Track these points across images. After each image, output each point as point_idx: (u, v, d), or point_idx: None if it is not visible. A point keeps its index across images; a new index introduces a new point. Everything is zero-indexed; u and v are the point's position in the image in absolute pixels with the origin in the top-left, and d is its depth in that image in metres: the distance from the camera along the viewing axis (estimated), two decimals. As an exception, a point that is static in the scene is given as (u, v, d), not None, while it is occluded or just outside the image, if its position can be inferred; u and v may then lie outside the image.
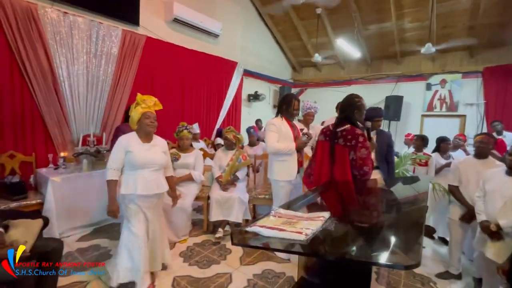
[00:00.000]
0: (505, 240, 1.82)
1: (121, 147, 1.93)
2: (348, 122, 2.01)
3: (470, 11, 4.78)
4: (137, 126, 1.97)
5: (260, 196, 3.13)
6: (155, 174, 1.99)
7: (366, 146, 1.95)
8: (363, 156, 1.92)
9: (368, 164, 1.95)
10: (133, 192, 1.90)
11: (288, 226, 0.99)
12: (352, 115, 2.01)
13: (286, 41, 7.07)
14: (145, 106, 1.96)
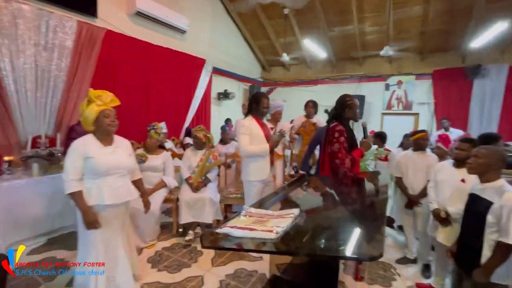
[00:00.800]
0: (453, 226, 2.02)
1: (78, 154, 1.67)
2: (337, 120, 2.21)
3: (421, 19, 5.23)
4: (94, 127, 1.72)
5: (231, 196, 3.11)
6: (123, 180, 1.80)
7: (340, 142, 2.11)
8: (335, 150, 2.10)
9: (339, 158, 2.09)
10: (99, 203, 1.67)
11: (259, 225, 0.99)
12: (343, 113, 2.22)
13: (255, 40, 7.09)
14: (101, 103, 1.71)
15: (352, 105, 2.23)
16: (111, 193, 1.70)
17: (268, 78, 8.15)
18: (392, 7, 4.93)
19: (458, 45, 5.50)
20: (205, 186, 3.00)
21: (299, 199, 1.89)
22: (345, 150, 2.15)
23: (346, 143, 2.16)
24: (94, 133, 1.76)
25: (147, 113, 4.50)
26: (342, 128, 2.18)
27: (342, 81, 7.11)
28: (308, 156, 2.98)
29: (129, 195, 1.83)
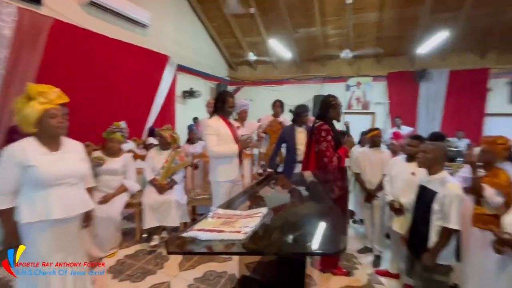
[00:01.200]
0: (406, 215, 2.22)
1: (13, 162, 1.35)
2: (322, 119, 2.32)
3: (377, 25, 5.64)
4: (36, 129, 1.42)
5: (199, 197, 3.03)
6: (75, 189, 1.52)
7: (327, 140, 2.22)
8: (323, 148, 2.22)
9: (327, 156, 2.21)
10: (45, 218, 1.37)
11: (227, 226, 0.97)
12: (327, 113, 2.33)
13: (221, 38, 7.00)
14: (46, 101, 1.41)
15: (336, 105, 2.34)
16: (61, 205, 1.42)
17: (235, 77, 8.11)
18: (352, 12, 5.24)
19: (408, 50, 6.04)
20: (171, 188, 2.87)
21: (268, 197, 1.91)
22: (332, 149, 2.25)
23: (332, 142, 2.26)
24: (38, 135, 1.44)
25: (104, 111, 4.17)
26: (328, 127, 2.27)
27: (307, 81, 7.37)
28: (275, 154, 3.03)
29: (83, 206, 1.56)
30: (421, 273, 1.79)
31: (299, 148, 2.84)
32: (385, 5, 5.04)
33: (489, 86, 5.80)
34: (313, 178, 2.48)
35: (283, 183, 2.34)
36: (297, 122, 2.92)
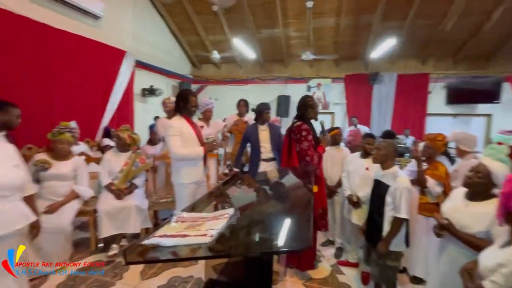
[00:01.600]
0: (363, 208, 2.39)
1: None
2: (300, 119, 2.37)
3: (334, 29, 5.97)
4: None
5: (161, 201, 2.89)
6: (9, 202, 1.33)
7: (308, 140, 2.29)
8: (305, 148, 2.28)
9: (309, 155, 2.27)
10: None
11: (192, 230, 0.94)
12: (306, 112, 2.39)
13: (183, 35, 6.76)
14: None
15: (313, 105, 2.42)
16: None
17: (199, 75, 7.92)
18: (311, 16, 5.46)
19: (362, 54, 6.51)
20: (131, 193, 2.69)
21: (234, 197, 1.90)
22: (313, 148, 2.32)
23: (313, 141, 2.32)
24: None
25: (50, 111, 3.73)
26: (307, 127, 2.33)
27: (270, 81, 7.50)
28: (240, 154, 3.03)
29: (22, 219, 1.37)
30: (376, 260, 1.94)
31: (263, 146, 2.86)
32: (342, 11, 5.35)
33: (429, 89, 6.54)
34: (278, 176, 2.53)
35: (249, 182, 2.35)
36: (259, 120, 2.93)
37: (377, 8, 5.11)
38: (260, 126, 2.91)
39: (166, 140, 2.26)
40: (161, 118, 3.39)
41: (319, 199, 2.39)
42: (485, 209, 1.35)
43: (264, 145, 2.86)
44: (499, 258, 1.05)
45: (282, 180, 2.49)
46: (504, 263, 1.01)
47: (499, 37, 5.56)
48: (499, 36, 5.53)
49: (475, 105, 6.39)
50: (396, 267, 1.92)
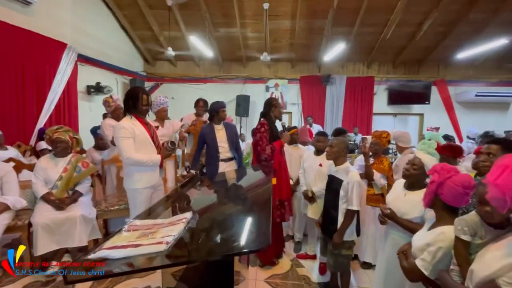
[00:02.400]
0: (318, 202, 2.52)
1: None
2: (264, 117, 2.54)
3: (290, 32, 6.20)
4: None
5: (112, 208, 2.65)
6: None
7: (261, 132, 2.46)
8: (257, 139, 2.44)
9: (260, 145, 2.44)
10: None
11: (145, 238, 0.87)
12: (269, 111, 2.56)
13: (134, 29, 6.30)
14: None
15: (277, 105, 2.60)
16: None
17: (153, 72, 7.49)
18: (268, 18, 5.58)
19: (316, 57, 6.88)
20: (75, 202, 2.40)
21: (194, 200, 1.84)
22: (266, 140, 2.46)
23: (266, 134, 2.47)
24: None
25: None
26: (264, 121, 2.52)
27: (229, 81, 7.46)
28: (198, 155, 2.93)
29: None
30: (332, 250, 2.07)
31: (221, 146, 2.81)
32: (296, 15, 5.58)
33: (374, 91, 7.22)
34: (237, 176, 2.53)
35: (208, 183, 2.30)
36: (214, 119, 2.85)
37: (328, 14, 5.45)
38: (216, 125, 2.85)
39: (116, 143, 2.01)
40: (106, 119, 3.08)
41: (277, 190, 2.49)
42: (420, 197, 1.53)
43: (222, 145, 2.81)
44: (427, 239, 1.21)
45: (242, 179, 2.49)
46: (431, 242, 1.16)
47: (428, 46, 6.40)
48: (428, 45, 6.36)
49: (411, 105, 7.25)
50: (349, 255, 2.07)
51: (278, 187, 2.51)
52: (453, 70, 7.04)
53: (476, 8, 5.11)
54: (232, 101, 7.16)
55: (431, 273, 1.13)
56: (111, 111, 3.02)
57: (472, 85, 7.03)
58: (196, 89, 7.29)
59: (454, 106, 7.15)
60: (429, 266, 1.14)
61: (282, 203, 2.55)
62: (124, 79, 6.44)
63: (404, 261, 1.29)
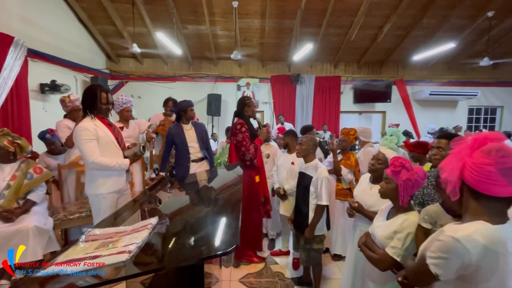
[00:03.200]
0: (289, 199, 2.57)
1: None
2: (238, 116, 2.51)
3: (260, 31, 6.22)
4: None
5: (72, 217, 2.44)
6: None
7: (242, 132, 2.43)
8: (239, 139, 2.42)
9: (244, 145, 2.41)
10: None
11: (105, 249, 0.81)
12: (242, 111, 2.53)
13: (94, 23, 5.87)
14: None
15: (250, 104, 2.57)
16: None
17: (117, 70, 7.05)
18: (238, 16, 5.54)
19: (285, 57, 6.99)
20: (27, 212, 2.17)
21: (163, 203, 1.76)
22: (248, 139, 2.45)
23: (247, 133, 2.46)
24: None
25: None
26: (242, 121, 2.49)
27: (200, 79, 7.30)
28: (166, 156, 2.82)
29: None
30: (304, 245, 2.12)
31: (192, 147, 2.74)
32: (266, 14, 5.61)
33: (341, 90, 7.54)
34: (209, 176, 2.48)
35: (178, 186, 2.22)
36: (182, 119, 2.77)
37: (296, 14, 5.56)
38: (184, 125, 2.76)
39: (78, 146, 1.83)
40: (62, 120, 2.82)
41: (261, 188, 2.56)
42: (384, 190, 1.63)
43: (192, 145, 2.73)
44: (392, 227, 1.28)
45: (213, 180, 2.45)
46: (398, 229, 1.24)
47: (388, 48, 6.83)
48: (388, 47, 6.79)
49: (374, 104, 7.70)
50: (321, 249, 2.14)
51: (262, 184, 2.60)
52: (410, 70, 7.60)
53: (429, 14, 5.57)
54: (203, 100, 7.02)
55: (403, 258, 1.18)
56: (68, 111, 2.77)
57: (427, 84, 7.67)
58: (164, 88, 7.02)
59: (412, 104, 7.73)
60: (401, 252, 1.20)
61: (267, 199, 2.61)
62: (84, 77, 5.98)
63: (370, 252, 1.35)
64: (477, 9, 5.49)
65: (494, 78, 7.69)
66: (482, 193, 0.76)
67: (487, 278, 0.76)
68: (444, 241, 0.77)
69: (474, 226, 0.76)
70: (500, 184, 0.73)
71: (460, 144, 0.82)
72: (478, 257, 0.74)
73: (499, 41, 6.46)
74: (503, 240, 0.75)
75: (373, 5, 5.31)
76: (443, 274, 0.79)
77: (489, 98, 7.86)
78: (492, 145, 0.76)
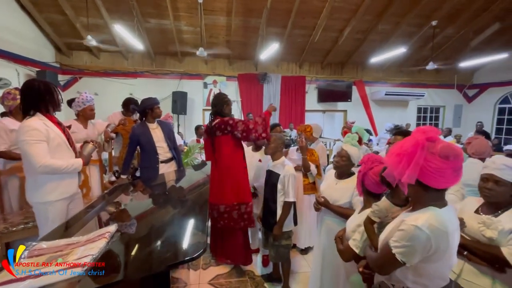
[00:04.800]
0: (259, 198, 2.58)
1: None
2: (218, 116, 2.37)
3: (226, 28, 6.14)
4: None
5: (15, 228, 2.15)
6: None
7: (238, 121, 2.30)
8: (245, 128, 2.27)
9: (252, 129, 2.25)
10: None
11: (53, 263, 0.72)
12: (222, 109, 2.38)
13: (39, 11, 5.25)
14: None
15: (229, 102, 2.45)
16: None
17: (69, 64, 6.43)
18: (203, 12, 5.39)
19: (252, 55, 7.01)
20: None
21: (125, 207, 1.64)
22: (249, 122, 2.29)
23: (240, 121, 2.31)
24: None
25: None
26: (228, 117, 2.34)
27: (164, 76, 6.98)
28: (129, 158, 2.63)
29: None
30: (272, 242, 2.15)
31: (160, 147, 2.60)
32: (232, 12, 5.55)
33: (306, 89, 7.80)
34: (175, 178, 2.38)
35: (142, 188, 2.10)
36: (148, 117, 2.62)
37: (262, 13, 5.59)
38: (149, 124, 2.61)
39: (24, 148, 1.60)
40: (4, 118, 2.46)
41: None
42: (348, 185, 1.72)
43: (160, 145, 2.59)
44: (357, 221, 1.36)
45: (181, 180, 2.36)
46: (360, 223, 1.31)
47: (349, 50, 7.24)
48: (348, 49, 7.19)
49: (336, 103, 8.12)
50: (289, 245, 2.19)
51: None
52: (368, 72, 8.15)
53: (383, 20, 6.01)
54: (167, 98, 6.73)
55: (361, 250, 1.26)
56: (14, 106, 2.39)
57: (382, 85, 8.29)
58: (124, 85, 6.59)
59: (370, 103, 8.31)
60: (359, 244, 1.27)
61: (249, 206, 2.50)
62: (29, 71, 5.33)
63: (340, 244, 1.42)
64: (423, 18, 6.07)
65: (437, 81, 8.61)
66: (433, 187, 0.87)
67: (441, 257, 0.87)
68: (407, 230, 0.86)
69: (428, 212, 0.87)
70: (451, 180, 0.86)
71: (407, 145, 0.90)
72: (436, 239, 0.84)
73: (441, 48, 7.22)
74: (448, 221, 0.87)
75: (334, 9, 5.56)
76: (409, 260, 0.87)
77: (434, 98, 8.78)
78: (447, 149, 0.86)
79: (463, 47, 7.22)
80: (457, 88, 8.69)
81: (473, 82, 8.83)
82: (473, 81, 8.83)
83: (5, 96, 2.36)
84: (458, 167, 0.85)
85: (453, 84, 8.57)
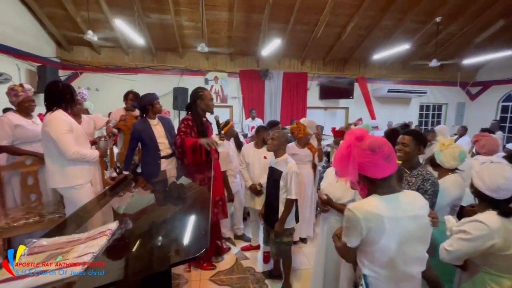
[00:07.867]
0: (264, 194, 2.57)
1: None
2: (189, 110, 2.37)
3: (228, 24, 6.08)
4: None
5: (17, 224, 2.15)
6: None
7: (182, 131, 2.27)
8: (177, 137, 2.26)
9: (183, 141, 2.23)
10: None
11: (53, 262, 0.71)
12: (195, 104, 2.33)
13: (41, 7, 5.21)
14: None
15: (203, 96, 2.33)
16: None
17: (70, 59, 6.40)
18: (204, 7, 5.34)
19: (254, 51, 6.95)
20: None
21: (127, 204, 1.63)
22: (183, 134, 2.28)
23: (186, 129, 2.29)
24: None
25: None
26: (189, 117, 2.34)
27: (165, 72, 6.95)
28: (131, 154, 2.61)
29: None
30: (274, 239, 2.14)
31: (162, 143, 2.59)
32: (234, 7, 5.49)
33: (308, 86, 7.75)
34: (177, 175, 2.37)
35: (144, 184, 2.09)
36: (149, 113, 2.60)
37: (264, 9, 5.53)
38: (150, 120, 2.59)
39: (57, 138, 1.84)
40: (8, 113, 2.45)
41: (216, 188, 2.36)
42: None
43: (162, 141, 2.58)
44: None
45: (182, 177, 2.34)
46: None
47: (351, 46, 7.17)
48: (351, 45, 7.12)
49: (338, 100, 8.07)
50: (290, 242, 2.18)
51: (217, 184, 2.40)
52: (370, 69, 8.09)
53: (386, 16, 5.94)
54: (168, 94, 6.70)
55: None
56: (18, 102, 2.38)
57: (385, 82, 8.23)
58: (125, 80, 6.56)
59: (372, 100, 8.26)
60: None
61: (221, 199, 2.48)
62: (30, 66, 5.30)
63: (338, 242, 1.40)
64: (427, 14, 6.00)
65: (440, 78, 8.54)
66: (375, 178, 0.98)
67: (377, 239, 0.95)
68: (345, 214, 1.01)
69: (367, 199, 1.00)
70: (386, 168, 0.96)
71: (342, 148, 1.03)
72: (366, 220, 0.94)
73: (445, 45, 7.15)
74: (386, 206, 0.95)
75: (337, 4, 5.49)
76: (348, 240, 1.02)
77: (436, 96, 8.71)
78: (370, 142, 0.97)
79: (466, 44, 7.14)
80: (460, 85, 8.62)
81: (476, 79, 8.75)
82: (476, 78, 8.75)
83: (8, 92, 2.37)
84: (387, 155, 0.95)
85: (456, 81, 8.50)
